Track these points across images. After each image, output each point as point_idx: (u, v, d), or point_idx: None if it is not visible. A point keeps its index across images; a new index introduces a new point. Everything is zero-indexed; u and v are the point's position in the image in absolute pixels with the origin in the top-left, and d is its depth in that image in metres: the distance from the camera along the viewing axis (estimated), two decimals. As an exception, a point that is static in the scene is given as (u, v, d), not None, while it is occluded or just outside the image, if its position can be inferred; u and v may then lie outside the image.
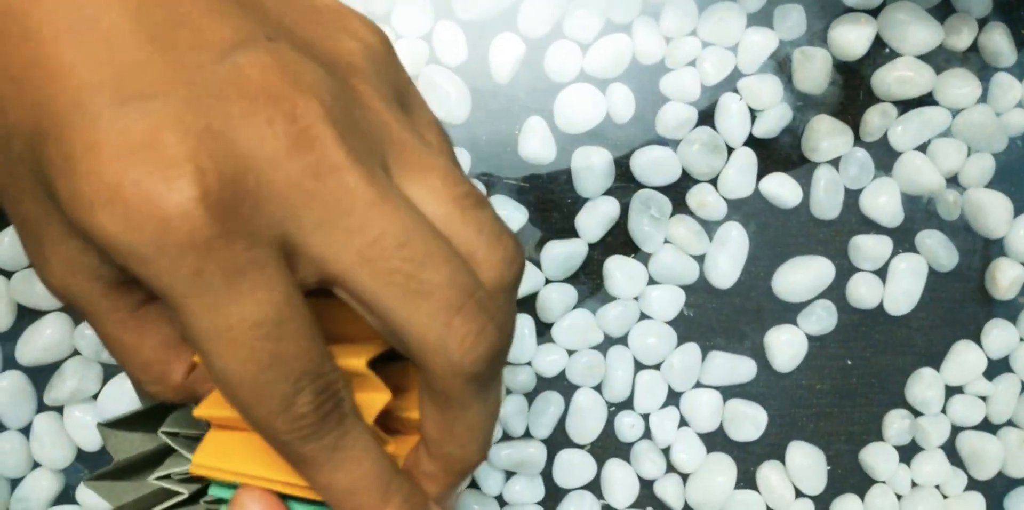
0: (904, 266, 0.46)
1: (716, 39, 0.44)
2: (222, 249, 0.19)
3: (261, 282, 0.20)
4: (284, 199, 0.20)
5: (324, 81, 0.21)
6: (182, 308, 0.20)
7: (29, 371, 0.43)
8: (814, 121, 0.45)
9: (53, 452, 0.43)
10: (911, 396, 0.46)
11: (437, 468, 0.24)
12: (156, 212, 0.19)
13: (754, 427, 0.45)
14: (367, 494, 0.22)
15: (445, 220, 0.22)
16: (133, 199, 0.19)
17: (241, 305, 0.19)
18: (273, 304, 0.20)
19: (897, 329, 0.46)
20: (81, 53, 0.19)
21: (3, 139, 0.21)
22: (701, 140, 0.44)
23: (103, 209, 0.19)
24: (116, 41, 0.19)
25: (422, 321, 0.21)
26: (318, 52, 0.22)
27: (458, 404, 0.23)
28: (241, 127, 0.19)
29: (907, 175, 0.45)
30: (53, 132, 0.19)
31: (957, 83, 0.45)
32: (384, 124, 0.22)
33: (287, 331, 0.20)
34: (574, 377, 0.45)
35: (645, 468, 0.45)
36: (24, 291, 0.43)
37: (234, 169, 0.19)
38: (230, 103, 0.20)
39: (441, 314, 0.21)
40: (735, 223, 0.45)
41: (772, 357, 0.45)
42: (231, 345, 0.20)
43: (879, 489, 0.46)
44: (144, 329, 0.24)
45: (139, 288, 0.23)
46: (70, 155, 0.19)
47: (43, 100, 0.19)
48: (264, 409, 0.21)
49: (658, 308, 0.45)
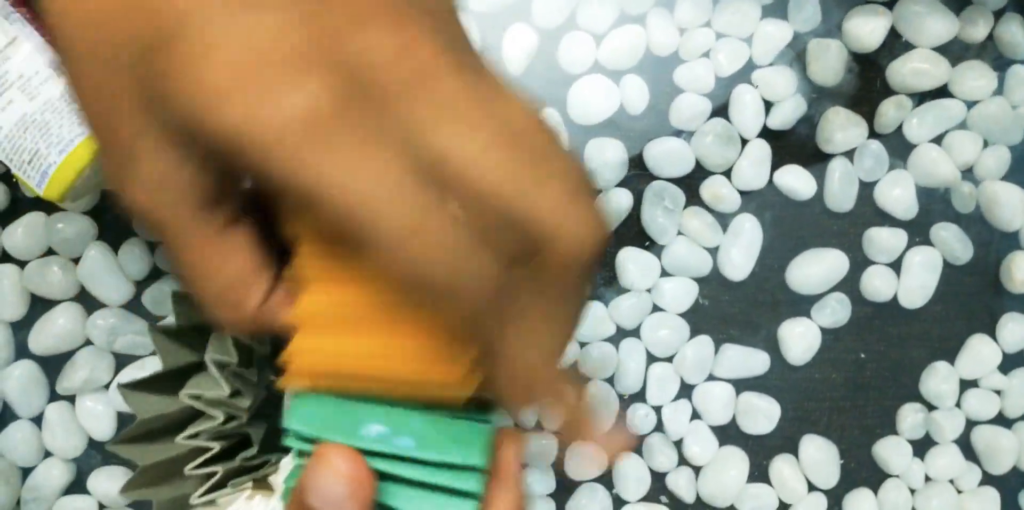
0: (919, 259, 0.45)
1: (731, 30, 0.44)
2: (345, 139, 0.19)
3: (379, 167, 0.20)
4: (402, 99, 0.20)
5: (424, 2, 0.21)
6: (306, 192, 0.20)
7: (41, 360, 0.43)
8: (829, 113, 0.45)
9: (65, 441, 0.43)
10: (925, 390, 0.46)
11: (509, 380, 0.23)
12: (284, 103, 0.19)
13: (767, 420, 0.45)
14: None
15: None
16: (259, 91, 0.19)
17: (362, 184, 0.20)
18: (386, 185, 0.20)
19: (911, 322, 0.46)
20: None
21: (110, 53, 0.21)
22: (715, 132, 0.44)
23: (228, 101, 0.19)
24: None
25: (548, 205, 0.21)
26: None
27: (562, 296, 0.22)
28: (354, 34, 0.20)
29: (922, 167, 0.45)
30: (176, 33, 0.19)
31: (973, 75, 0.45)
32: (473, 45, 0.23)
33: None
34: (587, 369, 0.45)
35: (657, 461, 0.45)
36: (37, 280, 0.43)
37: (352, 70, 0.20)
38: (339, 14, 0.20)
39: (566, 197, 0.21)
40: (749, 215, 0.45)
41: (786, 350, 0.45)
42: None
43: (893, 483, 0.46)
44: (227, 252, 0.23)
45: (226, 208, 0.23)
46: (191, 54, 0.19)
47: (161, 7, 0.20)
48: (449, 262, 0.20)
49: (671, 300, 0.45)
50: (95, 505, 0.44)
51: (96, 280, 0.42)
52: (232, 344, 0.29)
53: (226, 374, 0.30)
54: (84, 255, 0.42)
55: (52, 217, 0.43)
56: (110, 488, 0.43)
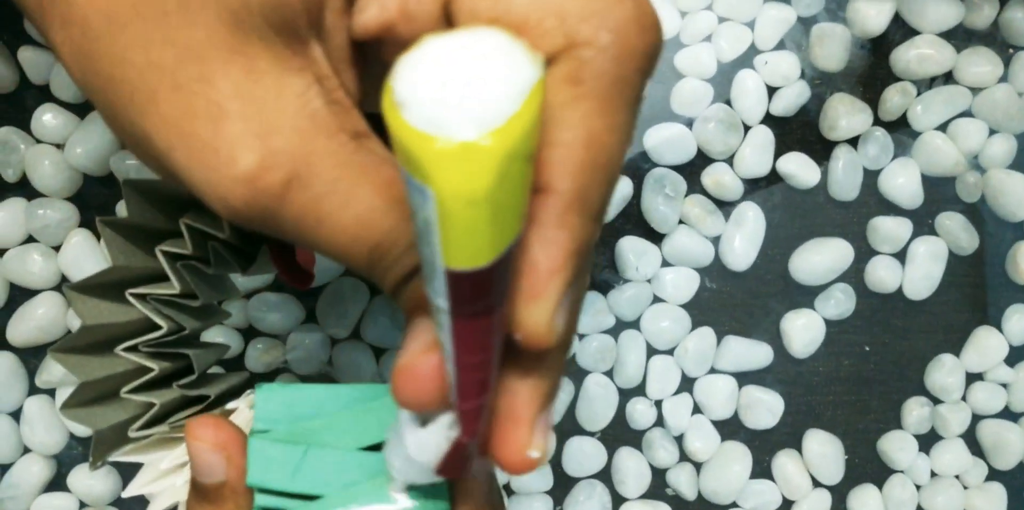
0: (924, 249, 0.44)
1: (733, 14, 0.43)
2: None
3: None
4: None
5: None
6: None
7: (20, 352, 0.42)
8: (832, 99, 0.44)
9: (44, 437, 0.41)
10: (930, 383, 0.45)
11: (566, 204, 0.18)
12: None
13: (770, 414, 0.44)
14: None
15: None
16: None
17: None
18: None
19: (916, 314, 0.45)
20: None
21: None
22: (717, 117, 0.43)
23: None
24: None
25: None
26: None
27: (613, 105, 0.18)
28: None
29: (927, 155, 0.44)
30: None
31: (978, 61, 0.44)
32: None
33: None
34: (585, 362, 0.43)
35: (658, 456, 0.44)
36: (17, 269, 0.41)
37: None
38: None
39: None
40: (751, 203, 0.44)
41: (789, 342, 0.44)
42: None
43: (898, 479, 0.45)
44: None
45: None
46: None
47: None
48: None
49: (672, 291, 0.44)
50: (76, 503, 0.42)
51: (79, 268, 0.41)
52: (188, 234, 0.28)
53: (178, 268, 0.28)
54: (66, 242, 0.41)
55: (33, 203, 0.41)
56: (91, 485, 0.42)
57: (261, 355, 0.42)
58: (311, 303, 0.42)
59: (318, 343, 0.42)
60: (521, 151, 0.14)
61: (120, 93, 0.19)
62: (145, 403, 0.29)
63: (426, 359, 0.18)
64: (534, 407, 0.20)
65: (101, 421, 0.29)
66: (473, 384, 0.18)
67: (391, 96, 0.14)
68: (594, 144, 0.18)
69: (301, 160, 0.18)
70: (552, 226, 0.18)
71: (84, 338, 0.29)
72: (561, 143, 0.18)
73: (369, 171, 0.19)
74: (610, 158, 0.18)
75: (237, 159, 0.18)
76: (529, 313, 0.18)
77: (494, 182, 0.14)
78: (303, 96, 0.19)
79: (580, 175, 0.18)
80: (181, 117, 0.18)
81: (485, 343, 0.17)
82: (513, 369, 0.19)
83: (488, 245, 0.15)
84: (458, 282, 0.15)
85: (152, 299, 0.28)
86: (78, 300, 0.29)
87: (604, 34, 0.18)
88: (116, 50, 0.18)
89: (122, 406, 0.30)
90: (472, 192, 0.14)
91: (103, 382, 0.29)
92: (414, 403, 0.19)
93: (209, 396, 0.30)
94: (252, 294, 0.42)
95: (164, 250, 0.28)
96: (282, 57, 0.19)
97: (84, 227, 0.41)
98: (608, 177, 0.18)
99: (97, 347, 0.29)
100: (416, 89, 0.14)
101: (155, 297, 0.28)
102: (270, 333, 0.42)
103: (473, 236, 0.15)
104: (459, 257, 0.15)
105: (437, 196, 0.14)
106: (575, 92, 0.18)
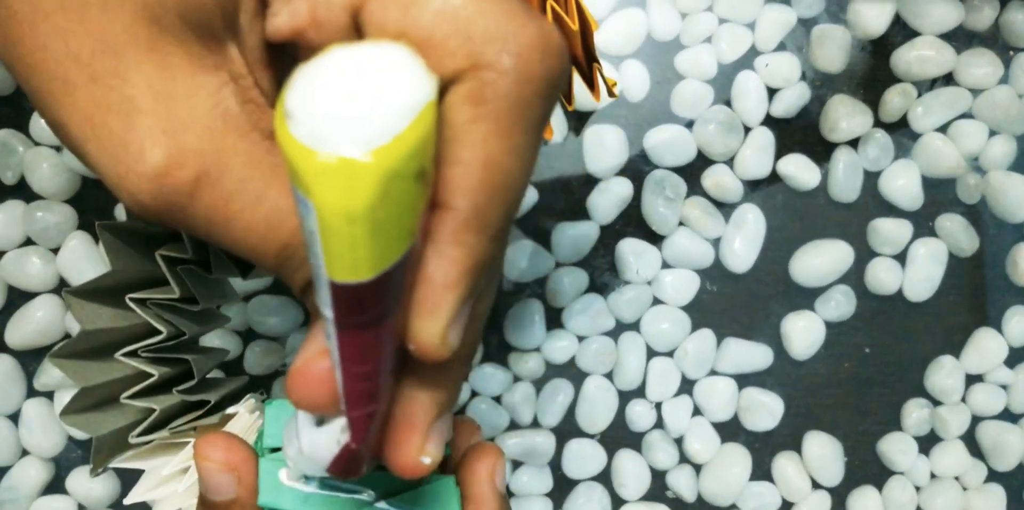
0: (924, 251, 0.44)
1: (733, 16, 0.43)
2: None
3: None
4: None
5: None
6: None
7: (19, 354, 0.42)
8: (833, 101, 0.44)
9: (43, 439, 0.41)
10: (930, 385, 0.45)
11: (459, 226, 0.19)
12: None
13: (770, 416, 0.44)
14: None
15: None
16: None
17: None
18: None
19: (917, 316, 0.45)
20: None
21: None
22: (717, 119, 0.43)
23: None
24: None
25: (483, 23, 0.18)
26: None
27: (513, 128, 0.18)
28: None
29: (927, 157, 0.44)
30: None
31: (978, 63, 0.44)
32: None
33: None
34: (584, 364, 0.43)
35: (658, 458, 0.44)
36: (15, 271, 0.41)
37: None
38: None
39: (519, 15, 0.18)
40: (752, 205, 0.44)
41: (789, 344, 0.44)
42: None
43: (897, 481, 0.45)
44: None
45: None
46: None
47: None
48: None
49: (672, 293, 0.43)
50: (74, 506, 0.42)
51: (77, 271, 0.41)
52: (188, 238, 0.28)
53: (177, 272, 0.28)
54: (64, 245, 0.41)
55: (31, 205, 0.41)
56: (90, 489, 0.41)
57: (260, 358, 0.42)
58: (310, 305, 0.42)
59: (317, 345, 0.42)
60: (405, 170, 0.14)
61: (39, 80, 0.19)
62: (145, 409, 0.29)
63: (317, 363, 0.19)
64: (430, 415, 0.20)
65: (101, 427, 0.29)
66: (360, 393, 0.18)
67: (281, 107, 0.14)
68: (492, 165, 0.18)
69: (211, 158, 0.18)
70: (448, 243, 0.18)
71: (83, 343, 0.29)
72: (460, 162, 0.18)
73: (281, 171, 0.19)
74: (509, 179, 0.18)
75: (146, 155, 0.18)
76: (422, 327, 0.18)
77: (374, 200, 0.14)
78: (216, 94, 0.19)
79: (477, 194, 0.18)
80: (94, 109, 0.18)
81: (372, 354, 0.17)
82: (411, 377, 0.20)
83: (368, 260, 0.15)
84: (341, 294, 0.15)
85: (152, 304, 0.28)
86: (77, 305, 0.29)
87: (507, 57, 0.18)
88: (38, 37, 0.18)
89: (122, 412, 0.30)
90: (351, 208, 0.14)
91: (103, 388, 0.29)
92: (305, 405, 0.19)
93: (209, 401, 0.29)
94: (251, 297, 0.42)
95: (164, 254, 0.28)
96: (197, 55, 0.19)
97: (83, 230, 0.41)
98: (507, 198, 0.18)
99: (96, 352, 0.29)
100: (304, 102, 0.13)
101: (155, 302, 0.28)
102: (269, 336, 0.42)
103: (353, 250, 0.15)
104: (341, 270, 0.15)
105: (317, 210, 0.14)
106: (476, 112, 0.18)
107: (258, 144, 0.19)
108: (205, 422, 0.29)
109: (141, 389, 0.28)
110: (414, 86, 0.14)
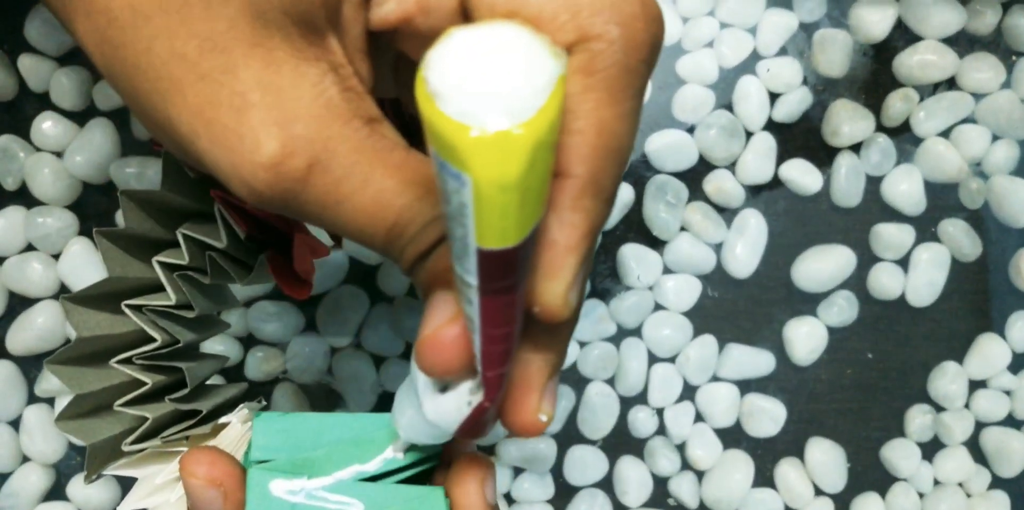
0: (927, 256, 0.44)
1: (734, 20, 0.43)
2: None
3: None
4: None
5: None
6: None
7: (19, 360, 0.41)
8: (835, 106, 0.43)
9: (44, 446, 0.41)
10: (934, 391, 0.45)
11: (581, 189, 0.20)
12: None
13: (772, 422, 0.44)
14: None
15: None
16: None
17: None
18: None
19: (919, 321, 0.45)
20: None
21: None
22: (719, 124, 0.43)
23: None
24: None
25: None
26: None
27: (622, 95, 0.19)
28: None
29: (930, 162, 0.44)
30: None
31: (980, 67, 0.44)
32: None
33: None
34: (586, 370, 0.43)
35: (660, 465, 0.43)
36: (16, 277, 0.41)
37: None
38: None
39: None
40: (753, 210, 0.43)
41: (791, 350, 0.44)
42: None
43: (901, 487, 0.45)
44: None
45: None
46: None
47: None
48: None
49: (674, 298, 0.43)
50: (75, 512, 0.42)
51: (78, 277, 0.41)
52: (185, 244, 0.28)
53: (174, 279, 0.28)
54: (65, 250, 0.41)
55: (32, 211, 0.41)
56: (90, 495, 0.41)
57: (261, 364, 0.42)
58: (311, 311, 0.42)
59: (318, 352, 0.42)
60: (548, 140, 0.15)
61: (144, 81, 0.19)
62: (139, 416, 0.28)
63: (450, 329, 0.20)
64: (544, 376, 0.21)
65: (95, 434, 0.29)
66: (498, 354, 0.19)
67: (425, 87, 0.14)
68: (605, 131, 0.19)
69: (320, 145, 0.19)
70: (568, 209, 0.19)
71: (80, 350, 0.29)
72: (576, 131, 0.19)
73: (383, 154, 0.20)
74: (620, 144, 0.19)
75: (261, 146, 0.19)
76: (548, 288, 0.19)
77: (525, 169, 0.14)
78: (319, 85, 0.19)
79: (593, 161, 0.19)
80: (205, 106, 0.19)
81: (509, 316, 0.18)
82: (526, 342, 0.21)
83: (516, 227, 0.16)
84: (488, 261, 0.16)
85: (148, 310, 0.28)
86: (74, 311, 0.29)
87: (614, 28, 0.19)
88: (141, 40, 0.19)
89: (116, 419, 0.30)
90: (506, 178, 0.15)
91: (98, 395, 0.29)
92: (439, 370, 0.20)
93: (201, 411, 0.29)
94: (252, 303, 0.42)
95: (161, 261, 0.28)
96: (299, 48, 0.19)
97: (84, 235, 0.41)
98: (619, 162, 0.19)
99: (92, 359, 0.29)
100: (450, 80, 0.14)
101: (151, 308, 0.28)
102: (270, 342, 0.42)
103: (504, 219, 0.15)
104: (491, 238, 0.16)
105: (473, 182, 0.14)
106: (587, 83, 0.18)
107: (360, 130, 0.20)
108: (197, 431, 0.29)
109: (135, 397, 0.28)
110: (546, 61, 0.15)
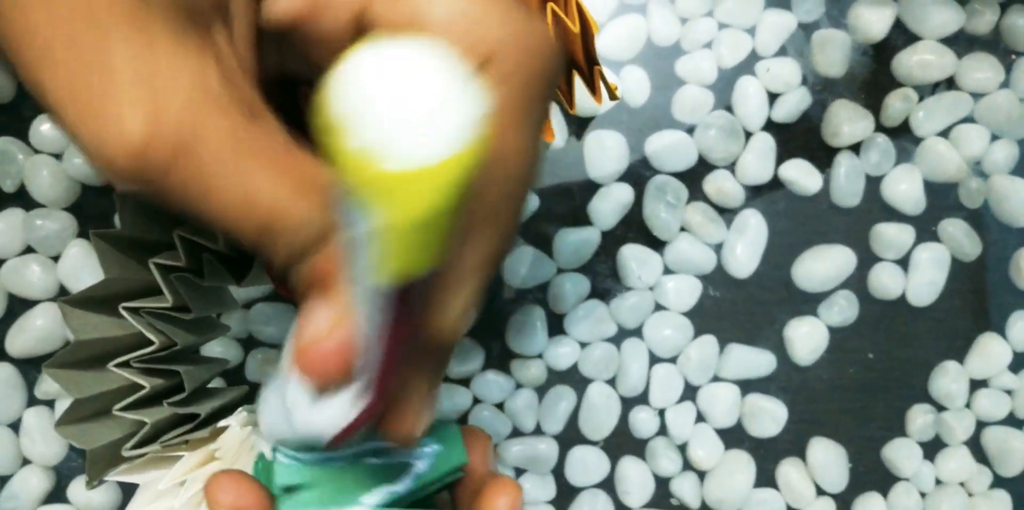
0: (927, 255, 0.44)
1: (733, 21, 0.43)
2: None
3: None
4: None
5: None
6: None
7: (19, 363, 0.41)
8: (834, 106, 0.43)
9: (44, 448, 0.41)
10: (935, 390, 0.45)
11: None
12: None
13: (773, 423, 0.44)
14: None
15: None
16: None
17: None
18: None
19: (920, 321, 0.45)
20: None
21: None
22: (718, 124, 0.43)
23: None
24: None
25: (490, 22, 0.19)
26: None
27: (525, 119, 0.20)
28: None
29: (929, 161, 0.44)
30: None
31: (980, 67, 0.44)
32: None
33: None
34: (587, 370, 0.43)
35: (661, 465, 0.43)
36: (15, 279, 0.41)
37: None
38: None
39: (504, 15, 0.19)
40: (753, 210, 0.43)
41: (792, 350, 0.44)
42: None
43: (902, 487, 0.45)
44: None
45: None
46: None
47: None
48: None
49: (674, 298, 0.43)
50: (75, 515, 0.42)
51: (77, 279, 0.41)
52: (182, 246, 0.28)
53: (171, 280, 0.28)
54: (64, 253, 0.41)
55: (31, 213, 0.41)
56: (91, 498, 0.41)
57: (262, 366, 0.42)
58: (311, 313, 0.42)
59: (319, 353, 0.42)
60: (467, 172, 0.14)
61: (22, 45, 0.19)
62: (138, 421, 0.28)
63: (336, 335, 0.19)
64: (425, 390, 0.22)
65: (95, 439, 0.29)
66: (389, 369, 0.20)
67: (327, 116, 0.13)
68: (507, 159, 0.19)
69: (189, 132, 0.18)
70: (466, 238, 0.20)
71: (77, 353, 0.29)
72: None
73: (262, 150, 0.19)
74: (520, 173, 0.20)
75: (125, 127, 0.18)
76: (440, 314, 0.20)
77: (445, 203, 0.14)
78: (198, 74, 0.19)
79: (492, 189, 0.20)
80: (74, 78, 0.18)
81: (409, 331, 0.19)
82: (412, 358, 0.21)
83: (419, 260, 0.16)
84: (390, 289, 0.16)
85: (145, 312, 0.28)
86: (71, 314, 0.29)
87: (513, 57, 0.19)
88: (19, 4, 0.18)
89: (116, 424, 0.30)
90: (421, 214, 0.14)
91: (96, 399, 0.29)
92: (322, 376, 0.20)
93: (199, 414, 0.29)
94: (252, 304, 0.42)
95: (158, 262, 0.28)
96: (181, 35, 0.19)
97: (83, 237, 0.41)
98: (518, 192, 0.20)
99: (90, 362, 0.29)
100: (359, 109, 0.13)
101: (148, 311, 0.28)
102: (271, 343, 0.42)
103: (409, 252, 0.15)
104: (393, 269, 0.16)
105: (386, 217, 0.14)
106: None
107: (237, 122, 0.19)
108: (196, 436, 0.29)
109: (133, 401, 0.28)
110: (468, 92, 0.13)
